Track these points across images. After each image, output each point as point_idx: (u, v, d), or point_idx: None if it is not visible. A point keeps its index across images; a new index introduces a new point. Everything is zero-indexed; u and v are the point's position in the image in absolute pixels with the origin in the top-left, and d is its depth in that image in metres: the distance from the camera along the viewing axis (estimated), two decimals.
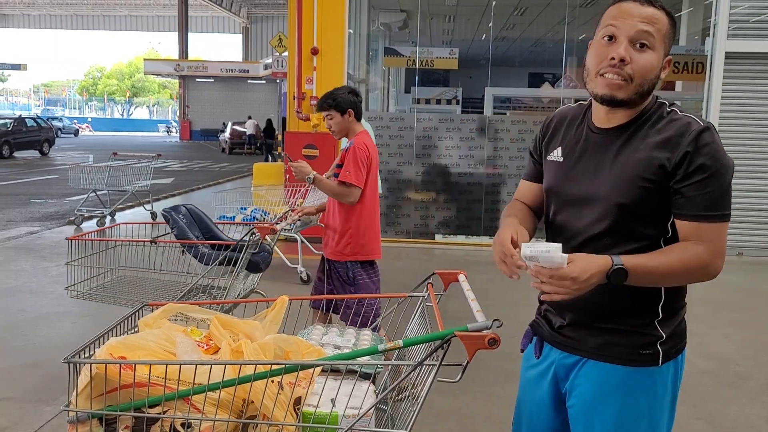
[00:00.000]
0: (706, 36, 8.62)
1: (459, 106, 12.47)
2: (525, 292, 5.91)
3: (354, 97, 3.77)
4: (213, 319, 1.73)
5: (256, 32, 42.92)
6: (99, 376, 1.44)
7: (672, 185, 1.52)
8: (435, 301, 1.86)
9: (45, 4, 46.32)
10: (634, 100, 1.55)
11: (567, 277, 1.43)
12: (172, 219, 4.09)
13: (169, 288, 3.93)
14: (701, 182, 1.49)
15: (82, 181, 9.51)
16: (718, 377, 4.22)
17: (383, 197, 8.58)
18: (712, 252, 1.51)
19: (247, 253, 3.66)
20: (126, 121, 64.54)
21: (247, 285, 4.12)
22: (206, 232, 4.32)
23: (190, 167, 21.49)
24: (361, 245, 3.74)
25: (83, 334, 3.76)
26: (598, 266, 1.46)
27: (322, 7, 8.10)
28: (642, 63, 1.51)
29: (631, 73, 1.51)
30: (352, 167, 3.62)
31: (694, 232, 1.52)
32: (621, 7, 1.54)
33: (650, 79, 1.54)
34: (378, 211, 3.90)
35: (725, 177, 1.51)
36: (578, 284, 1.44)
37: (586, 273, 1.44)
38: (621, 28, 1.52)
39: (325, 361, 1.57)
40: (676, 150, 1.50)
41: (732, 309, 5.58)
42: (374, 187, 3.81)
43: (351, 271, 3.71)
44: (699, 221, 1.51)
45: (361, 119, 3.84)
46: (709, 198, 1.50)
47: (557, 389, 1.73)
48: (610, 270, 1.46)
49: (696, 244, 1.51)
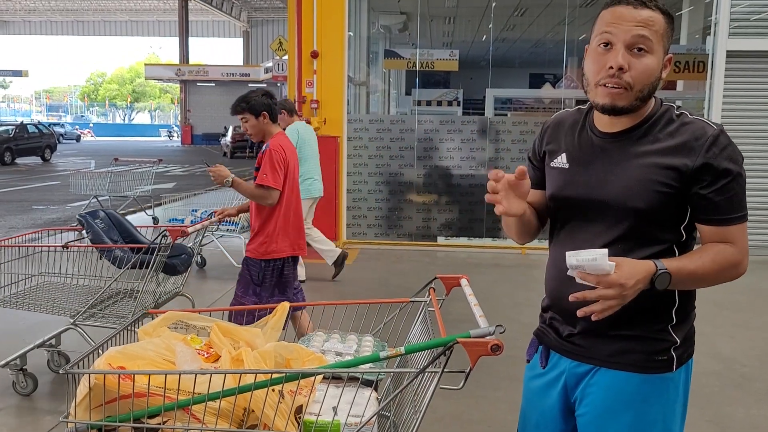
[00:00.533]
0: (707, 35, 8.60)
1: (460, 107, 12.46)
2: (528, 294, 5.91)
3: (268, 99, 3.83)
4: (213, 327, 1.72)
5: (257, 36, 43.01)
6: (98, 386, 1.43)
7: (695, 191, 1.51)
8: (437, 306, 1.85)
9: (46, 11, 46.46)
10: (636, 107, 1.54)
11: (616, 283, 1.40)
12: (87, 223, 4.14)
13: (88, 293, 3.95)
14: (726, 186, 1.50)
15: (84, 187, 9.53)
16: (725, 378, 4.19)
17: (385, 200, 8.58)
18: (741, 251, 1.54)
19: (160, 255, 3.69)
20: (127, 126, 64.70)
21: (169, 288, 4.16)
22: (126, 236, 4.35)
23: (192, 172, 21.51)
24: (274, 246, 3.80)
25: (83, 342, 3.76)
26: (644, 271, 1.44)
27: (321, 10, 8.09)
28: (641, 68, 1.49)
29: (630, 81, 1.49)
30: (269, 169, 3.68)
31: (721, 235, 1.53)
32: (615, 12, 1.50)
33: (651, 83, 1.52)
34: (298, 211, 3.95)
35: (743, 177, 1.53)
36: (626, 290, 1.41)
37: (633, 279, 1.42)
38: (617, 34, 1.49)
39: (327, 369, 1.56)
40: (693, 155, 1.49)
41: (736, 309, 5.56)
42: (294, 187, 3.88)
43: (263, 272, 3.79)
44: (725, 225, 1.52)
45: (276, 121, 3.91)
46: (733, 200, 1.51)
47: (566, 399, 1.69)
48: (656, 275, 1.45)
49: (726, 245, 1.53)
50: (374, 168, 8.56)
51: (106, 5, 44.66)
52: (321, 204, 8.08)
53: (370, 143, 8.53)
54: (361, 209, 8.61)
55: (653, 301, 1.55)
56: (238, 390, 1.43)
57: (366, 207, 8.61)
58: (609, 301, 1.41)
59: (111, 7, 45.42)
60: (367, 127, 8.57)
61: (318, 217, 8.21)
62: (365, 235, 8.60)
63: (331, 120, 8.18)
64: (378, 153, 8.53)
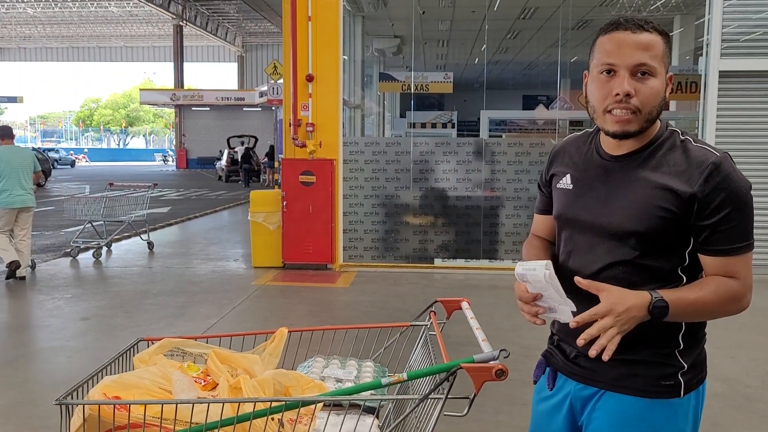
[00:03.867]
0: (699, 55, 8.68)
1: (454, 129, 12.52)
2: None
3: None
4: (210, 354, 1.68)
5: (251, 60, 43.24)
6: (92, 417, 1.39)
7: (696, 221, 1.49)
8: (438, 330, 1.81)
9: (41, 37, 46.67)
10: (646, 129, 1.53)
11: (604, 310, 1.41)
12: None
13: None
14: (728, 216, 1.47)
15: (78, 212, 9.46)
16: (728, 399, 4.15)
17: (381, 222, 8.56)
18: (744, 286, 1.50)
19: None
20: (122, 151, 64.68)
21: None
22: None
23: (187, 196, 21.48)
24: None
25: (80, 369, 3.71)
26: (636, 298, 1.43)
27: (316, 35, 8.14)
28: (647, 92, 1.49)
29: (638, 104, 1.49)
30: None
31: (723, 266, 1.50)
32: (614, 38, 1.50)
33: (657, 105, 1.52)
34: None
35: (748, 205, 1.49)
36: (619, 316, 1.41)
37: (622, 304, 1.41)
38: (619, 61, 1.48)
39: (328, 396, 1.52)
40: (693, 183, 1.47)
41: (736, 329, 5.52)
42: None
43: None
44: (728, 255, 1.49)
45: None
46: (736, 231, 1.48)
47: (573, 422, 1.67)
48: (651, 304, 1.43)
49: (728, 278, 1.49)
50: (370, 190, 8.55)
51: (102, 31, 44.87)
52: (317, 226, 8.10)
53: (365, 165, 8.53)
54: (358, 231, 8.58)
55: (659, 326, 1.52)
56: (236, 419, 1.40)
57: (362, 229, 8.58)
58: (608, 331, 1.41)
59: (106, 33, 45.64)
60: (362, 150, 8.58)
61: (314, 240, 8.20)
62: (362, 258, 8.56)
63: (326, 143, 8.19)
64: (374, 175, 8.53)
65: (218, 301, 6.67)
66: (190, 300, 6.72)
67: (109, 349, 4.00)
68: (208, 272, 8.20)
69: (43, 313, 6.24)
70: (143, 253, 9.61)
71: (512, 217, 8.48)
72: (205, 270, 8.35)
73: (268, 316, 6.29)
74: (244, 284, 7.48)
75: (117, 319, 5.99)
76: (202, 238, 11.47)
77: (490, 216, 8.53)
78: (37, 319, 6.04)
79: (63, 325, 5.80)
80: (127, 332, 5.47)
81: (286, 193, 8.17)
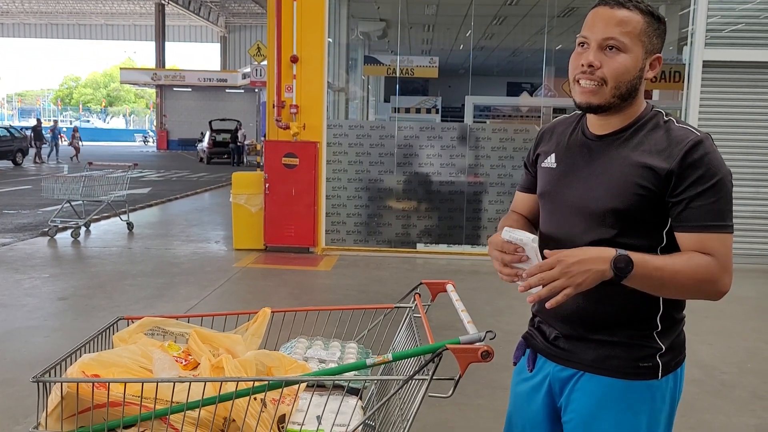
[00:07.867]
0: (683, 45, 8.72)
1: (439, 114, 12.48)
2: (510, 301, 5.89)
3: None
4: (192, 333, 1.66)
5: (235, 41, 42.76)
6: (70, 395, 1.36)
7: (672, 197, 1.49)
8: (423, 312, 1.80)
9: (19, 13, 45.75)
10: (615, 104, 1.53)
11: (553, 261, 1.40)
12: None
13: None
14: (703, 192, 1.46)
15: (56, 192, 9.32)
16: (705, 385, 4.20)
17: (364, 206, 8.53)
18: (720, 265, 1.46)
19: None
20: (102, 131, 63.72)
21: None
22: None
23: (168, 177, 21.27)
24: None
25: (57, 349, 3.65)
26: (597, 252, 1.43)
27: (301, 16, 8.05)
28: (614, 66, 1.50)
29: (603, 76, 1.50)
30: None
31: (699, 244, 1.47)
32: (594, 13, 1.54)
33: (627, 81, 1.51)
34: None
35: (726, 187, 1.48)
36: (569, 267, 1.39)
37: (574, 256, 1.41)
38: (590, 35, 1.52)
39: (312, 376, 1.50)
40: (672, 160, 1.47)
41: (714, 316, 5.59)
42: None
43: None
44: (703, 232, 1.47)
45: None
46: (712, 209, 1.46)
47: (552, 403, 1.68)
48: (614, 258, 1.41)
49: (703, 254, 1.47)
50: (354, 174, 8.51)
51: (81, 8, 44.06)
52: (299, 209, 8.05)
53: (349, 149, 8.48)
54: (341, 215, 8.55)
55: (636, 306, 1.54)
56: (218, 399, 1.38)
57: (345, 213, 8.55)
58: (554, 283, 1.40)
59: (86, 11, 44.83)
60: (346, 133, 8.53)
61: (297, 223, 8.16)
62: (344, 242, 8.54)
63: (310, 125, 8.12)
64: (358, 159, 8.49)
65: (199, 282, 6.62)
66: (170, 281, 6.66)
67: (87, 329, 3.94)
68: (189, 254, 8.13)
69: (20, 292, 6.14)
70: (123, 234, 9.51)
71: (495, 203, 8.49)
72: (185, 251, 8.28)
73: (249, 298, 6.25)
74: (225, 266, 7.43)
75: (95, 299, 5.92)
76: (183, 220, 11.37)
77: (473, 201, 8.53)
78: (13, 298, 5.94)
79: (40, 305, 5.72)
80: (106, 312, 5.41)
81: (269, 176, 8.11)
